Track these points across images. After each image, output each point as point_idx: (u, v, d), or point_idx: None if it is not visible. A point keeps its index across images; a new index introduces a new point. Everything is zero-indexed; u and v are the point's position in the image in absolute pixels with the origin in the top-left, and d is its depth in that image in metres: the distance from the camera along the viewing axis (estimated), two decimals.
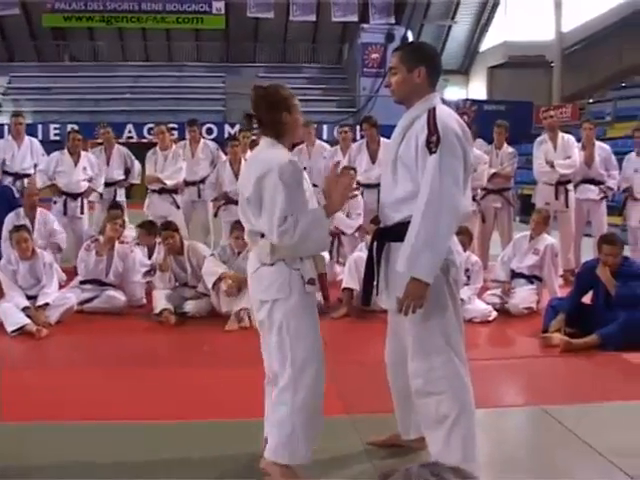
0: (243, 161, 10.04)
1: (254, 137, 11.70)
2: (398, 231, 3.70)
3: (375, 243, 3.94)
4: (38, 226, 9.04)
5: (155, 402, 5.23)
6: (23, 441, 4.49)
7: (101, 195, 10.72)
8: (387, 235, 3.88)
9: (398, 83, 3.83)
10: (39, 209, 9.26)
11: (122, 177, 11.02)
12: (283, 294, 3.79)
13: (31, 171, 10.49)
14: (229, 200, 9.92)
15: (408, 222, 3.63)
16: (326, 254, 8.75)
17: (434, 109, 3.69)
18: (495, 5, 34.50)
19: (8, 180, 10.52)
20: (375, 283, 3.94)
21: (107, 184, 10.83)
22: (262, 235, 3.82)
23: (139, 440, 4.55)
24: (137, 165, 11.03)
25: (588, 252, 9.65)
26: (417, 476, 1.01)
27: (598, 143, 10.18)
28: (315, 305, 3.96)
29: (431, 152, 3.57)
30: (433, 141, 3.58)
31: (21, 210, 9.12)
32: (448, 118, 3.69)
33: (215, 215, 10.45)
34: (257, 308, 3.95)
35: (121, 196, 11.09)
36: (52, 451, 4.35)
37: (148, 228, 9.07)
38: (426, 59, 3.83)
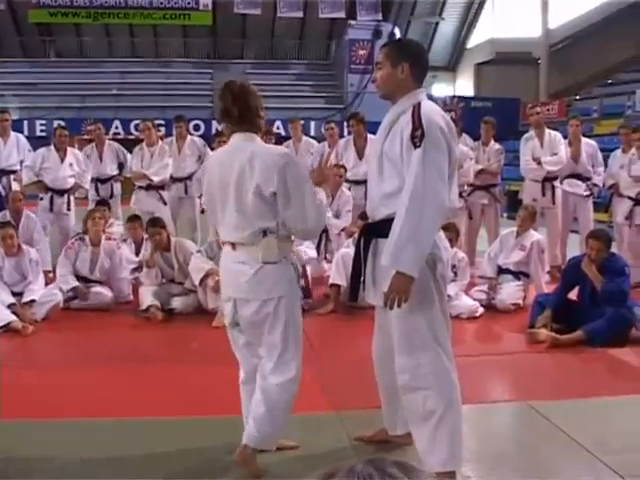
0: None
1: None
2: (385, 227, 3.70)
3: (362, 239, 3.95)
4: (22, 231, 8.86)
5: (143, 399, 5.23)
6: (11, 438, 4.48)
7: (97, 192, 10.72)
8: (374, 230, 3.89)
9: (383, 78, 3.86)
10: (25, 213, 9.15)
11: (116, 172, 11.02)
12: (289, 290, 3.88)
13: (17, 167, 10.37)
14: None
15: (394, 218, 3.64)
16: (313, 251, 8.80)
17: (419, 104, 3.70)
18: (482, 2, 34.55)
19: None
20: (362, 279, 3.95)
21: (102, 180, 10.85)
22: (264, 233, 3.82)
23: (127, 436, 4.55)
24: (130, 158, 10.98)
25: (574, 248, 9.68)
26: (361, 472, 0.99)
27: (584, 139, 10.21)
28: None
29: (415, 146, 3.58)
30: (417, 135, 3.59)
31: (7, 213, 9.04)
32: (433, 113, 3.69)
33: (202, 212, 10.44)
34: (252, 307, 3.92)
35: (117, 191, 11.12)
36: (42, 448, 4.35)
37: (137, 221, 9.09)
38: (410, 55, 3.85)
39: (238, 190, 3.82)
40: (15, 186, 10.22)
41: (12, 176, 10.36)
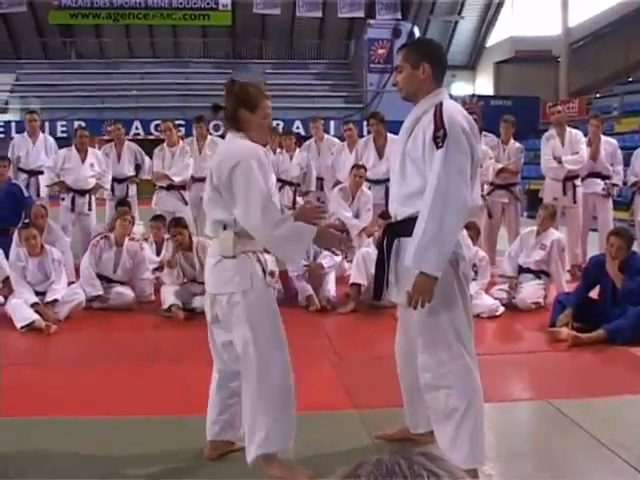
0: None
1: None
2: (408, 226, 3.71)
3: (385, 238, 3.96)
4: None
5: (164, 398, 5.26)
6: (26, 435, 4.52)
7: (113, 192, 10.77)
8: (397, 230, 3.90)
9: (404, 80, 3.86)
10: (47, 224, 8.98)
11: (133, 173, 11.08)
12: (246, 286, 3.81)
13: None
14: None
15: (417, 217, 3.64)
16: (338, 256, 8.75)
17: (441, 104, 3.70)
18: (501, 0, 34.47)
19: (23, 177, 10.55)
20: (386, 278, 3.96)
21: (119, 180, 10.90)
22: (224, 227, 3.85)
23: (147, 435, 4.59)
24: (147, 161, 11.03)
25: (594, 247, 9.65)
26: (388, 461, 1.02)
27: (604, 138, 10.18)
28: (274, 297, 4.05)
29: (438, 147, 3.59)
30: (440, 136, 3.59)
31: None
32: (455, 113, 3.70)
33: None
34: (212, 302, 3.96)
35: (132, 192, 11.15)
36: (55, 446, 4.39)
37: (161, 221, 9.22)
38: (430, 55, 3.86)
39: (209, 184, 3.92)
40: (43, 188, 10.33)
41: (40, 177, 10.45)
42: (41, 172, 10.49)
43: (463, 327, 3.81)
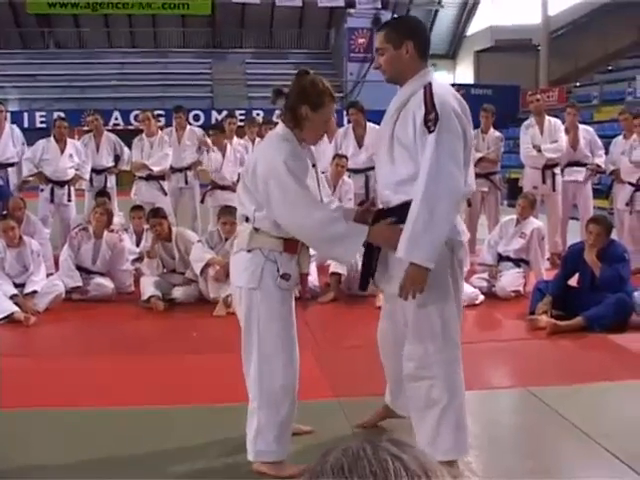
0: (229, 147, 10.13)
1: (240, 124, 11.74)
2: (400, 213, 3.59)
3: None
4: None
5: (144, 388, 5.25)
6: (7, 428, 4.51)
7: (91, 183, 10.69)
8: (389, 217, 3.72)
9: (387, 62, 3.70)
10: (26, 216, 8.94)
11: (112, 164, 11.00)
12: (252, 284, 3.75)
13: (15, 159, 10.29)
14: (215, 186, 10.02)
15: (410, 204, 3.52)
16: None
17: (430, 85, 3.57)
18: None
19: None
20: (373, 267, 3.85)
21: (97, 171, 10.82)
22: (247, 219, 3.80)
23: (126, 425, 4.57)
24: (127, 152, 10.96)
25: (574, 235, 9.70)
26: (355, 448, 1.04)
27: (582, 126, 10.21)
28: (288, 300, 3.88)
29: (430, 131, 3.46)
30: (431, 119, 3.46)
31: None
32: (446, 95, 3.59)
33: (202, 201, 10.47)
34: (233, 292, 3.99)
35: (111, 183, 11.07)
36: (37, 437, 4.37)
37: (140, 211, 9.22)
38: (411, 32, 3.70)
39: (243, 178, 3.89)
40: (13, 179, 10.19)
41: (10, 169, 10.29)
42: (10, 164, 10.30)
43: (452, 318, 3.72)
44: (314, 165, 3.88)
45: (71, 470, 3.91)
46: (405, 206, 3.55)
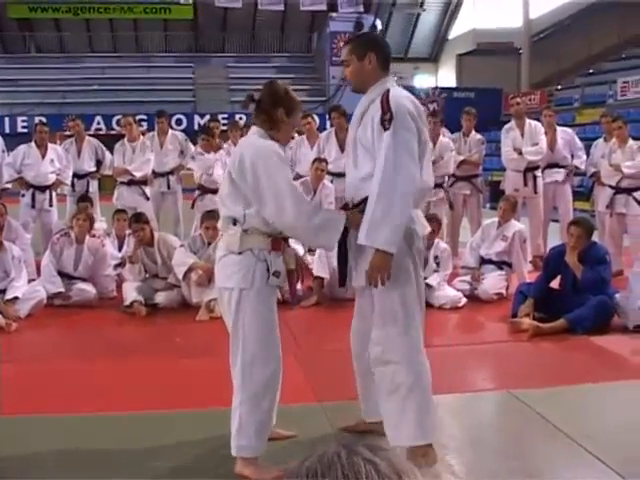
0: (221, 150, 10.17)
1: (224, 128, 11.73)
2: (363, 208, 3.81)
3: None
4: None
5: (128, 393, 5.22)
6: None
7: (73, 187, 10.64)
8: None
9: (352, 73, 4.01)
10: (7, 222, 8.65)
11: (94, 169, 10.94)
12: (245, 284, 3.82)
13: None
14: (205, 190, 9.97)
15: None
16: (300, 246, 8.82)
17: (387, 91, 3.83)
18: None
19: None
20: (347, 263, 4.04)
21: (79, 176, 10.76)
22: (234, 222, 3.86)
23: (111, 431, 4.54)
24: (109, 156, 10.91)
25: (555, 237, 9.74)
26: (331, 453, 1.07)
27: (560, 128, 10.28)
28: (275, 300, 4.02)
29: (385, 129, 3.72)
30: (387, 119, 3.73)
31: None
32: (402, 98, 3.85)
33: (192, 207, 10.37)
34: (220, 294, 4.02)
35: (94, 188, 11.00)
36: (18, 444, 4.34)
37: (123, 214, 9.15)
38: (374, 45, 4.04)
39: (227, 180, 3.96)
40: None
41: None
42: None
43: (413, 303, 3.90)
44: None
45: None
46: (367, 201, 3.79)
